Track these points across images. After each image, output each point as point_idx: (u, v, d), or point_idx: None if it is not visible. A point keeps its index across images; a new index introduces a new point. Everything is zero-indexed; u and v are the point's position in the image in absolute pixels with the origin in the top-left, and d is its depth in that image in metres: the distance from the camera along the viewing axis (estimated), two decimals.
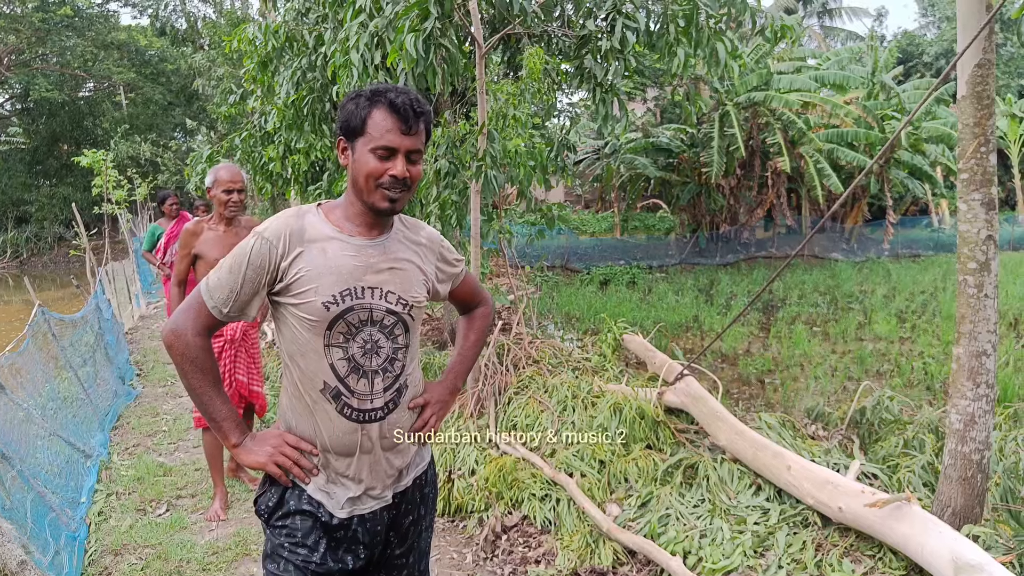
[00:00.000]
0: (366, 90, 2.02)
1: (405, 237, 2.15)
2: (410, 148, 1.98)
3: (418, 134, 2.00)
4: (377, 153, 1.96)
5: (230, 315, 2.00)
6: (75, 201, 22.63)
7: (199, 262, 4.62)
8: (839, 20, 42.26)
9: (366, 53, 5.75)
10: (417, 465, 2.24)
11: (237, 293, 1.97)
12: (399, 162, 1.97)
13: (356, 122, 1.99)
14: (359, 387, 2.03)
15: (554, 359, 6.82)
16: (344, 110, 2.03)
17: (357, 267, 2.00)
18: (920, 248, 24.76)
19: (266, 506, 2.09)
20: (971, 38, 3.42)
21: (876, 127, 21.59)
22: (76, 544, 4.20)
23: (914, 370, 9.14)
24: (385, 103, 1.96)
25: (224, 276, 1.99)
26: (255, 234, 1.99)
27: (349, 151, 2.03)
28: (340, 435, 2.04)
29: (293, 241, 1.98)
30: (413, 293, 2.10)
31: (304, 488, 2.06)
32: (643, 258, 23.08)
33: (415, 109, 1.97)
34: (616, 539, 4.12)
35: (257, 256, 1.96)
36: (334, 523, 2.06)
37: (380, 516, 2.13)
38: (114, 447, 6.25)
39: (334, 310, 1.97)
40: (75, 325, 7.93)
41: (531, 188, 6.90)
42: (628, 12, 6.24)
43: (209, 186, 4.59)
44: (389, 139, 1.96)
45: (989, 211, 3.48)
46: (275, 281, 1.99)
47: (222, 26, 22.44)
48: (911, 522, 3.40)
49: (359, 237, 2.04)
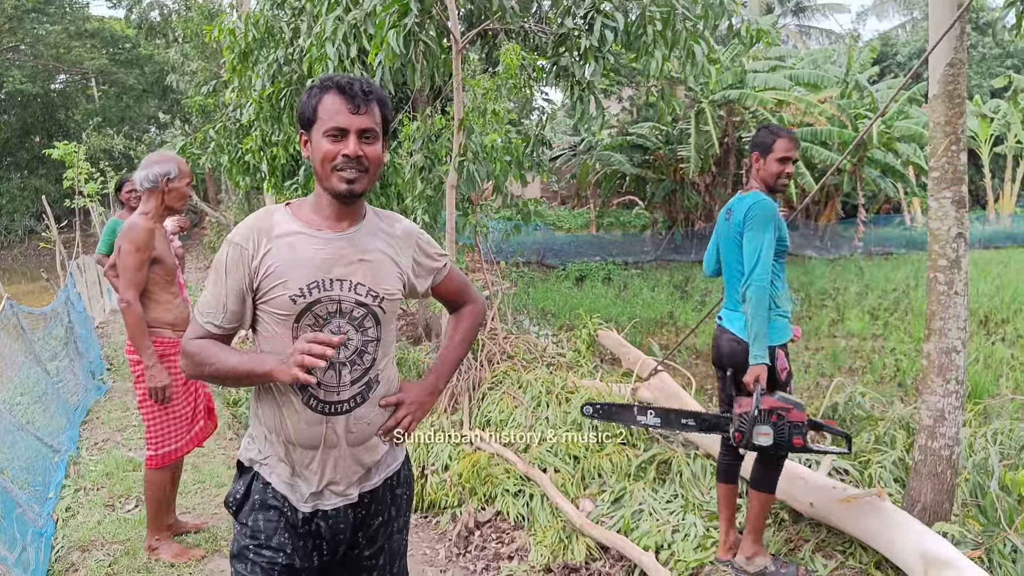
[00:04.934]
0: (319, 80, 2.04)
1: (379, 229, 2.13)
2: (361, 127, 1.97)
3: (368, 113, 1.99)
4: (329, 135, 1.97)
5: (225, 326, 2.02)
6: (46, 194, 22.32)
7: (156, 267, 3.91)
8: (815, 19, 42.62)
9: (341, 46, 5.71)
10: (388, 465, 2.20)
11: (225, 304, 2.00)
12: (351, 141, 1.96)
13: (309, 112, 2.01)
14: (326, 378, 2.01)
15: (529, 355, 6.82)
16: (299, 104, 2.06)
17: (325, 260, 2.00)
18: (893, 246, 25.02)
19: (234, 499, 2.10)
20: (942, 37, 3.45)
21: (850, 126, 21.78)
22: (43, 540, 4.13)
23: (886, 367, 9.22)
24: (333, 86, 1.98)
25: (209, 292, 2.02)
26: (227, 243, 2.01)
27: (309, 142, 2.04)
28: (305, 427, 2.02)
29: (261, 239, 1.99)
30: (385, 285, 2.07)
31: (269, 481, 2.05)
32: (619, 254, 23.11)
33: (363, 89, 1.98)
34: (589, 534, 4.13)
35: (232, 263, 1.98)
36: (299, 518, 2.05)
37: (344, 514, 2.10)
38: (83, 442, 6.17)
39: (301, 303, 1.97)
40: (45, 319, 7.83)
41: (507, 184, 6.89)
42: (607, 11, 6.24)
43: (170, 176, 3.89)
44: (338, 120, 1.96)
45: (959, 209, 3.52)
46: (252, 283, 1.99)
47: (194, 19, 22.17)
48: (882, 517, 3.43)
49: (327, 231, 2.03)
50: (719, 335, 3.74)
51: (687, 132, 21.59)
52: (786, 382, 3.57)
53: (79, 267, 13.14)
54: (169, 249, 4.00)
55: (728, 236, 3.68)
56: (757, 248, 3.46)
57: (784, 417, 3.39)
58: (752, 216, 3.49)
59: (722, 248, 3.79)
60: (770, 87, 20.98)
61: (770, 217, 3.48)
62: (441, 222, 6.68)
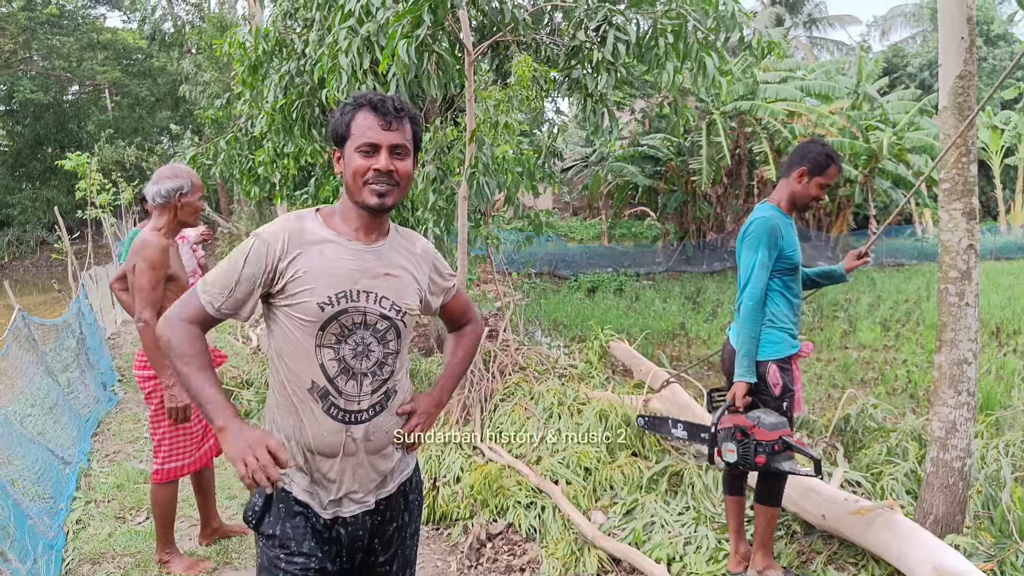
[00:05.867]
0: (352, 98, 2.09)
1: (401, 246, 2.19)
2: (392, 143, 2.02)
3: (400, 130, 2.04)
4: (361, 151, 2.02)
5: (222, 311, 2.02)
6: (58, 205, 22.47)
7: (171, 284, 3.79)
8: (827, 30, 42.64)
9: (355, 58, 5.74)
10: (402, 471, 2.25)
11: (231, 290, 2.00)
12: (382, 156, 2.01)
13: (342, 129, 2.06)
14: (347, 388, 2.05)
15: (540, 366, 6.82)
16: (332, 121, 2.11)
17: (353, 270, 2.04)
18: (904, 257, 24.94)
19: (253, 512, 2.09)
20: (952, 50, 3.46)
21: (860, 137, 21.75)
22: (53, 553, 4.15)
23: (898, 378, 9.18)
24: (366, 104, 2.03)
25: (220, 272, 2.02)
26: (254, 235, 2.04)
27: (342, 158, 2.08)
28: (325, 435, 2.05)
29: (292, 243, 2.02)
30: (407, 300, 2.14)
31: (290, 491, 2.07)
32: (630, 265, 23.11)
33: (395, 106, 2.03)
34: (601, 547, 4.12)
35: (255, 256, 2.00)
36: (322, 523, 2.08)
37: (363, 521, 2.14)
38: (94, 454, 6.20)
39: (329, 311, 2.00)
40: (57, 330, 7.87)
41: (519, 195, 6.91)
42: (619, 24, 6.26)
43: (183, 191, 3.84)
44: (370, 136, 2.01)
45: (970, 221, 3.52)
46: (272, 282, 2.02)
47: (207, 31, 22.34)
48: (893, 530, 3.41)
49: (357, 242, 2.08)
50: (724, 346, 3.78)
51: (699, 143, 21.61)
52: (781, 397, 3.52)
53: (91, 278, 13.23)
54: (182, 265, 3.94)
55: (738, 249, 3.69)
56: (750, 266, 3.48)
57: (750, 435, 3.39)
58: (749, 233, 3.51)
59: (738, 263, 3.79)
60: (781, 98, 20.99)
61: (765, 234, 3.45)
62: (453, 233, 6.70)
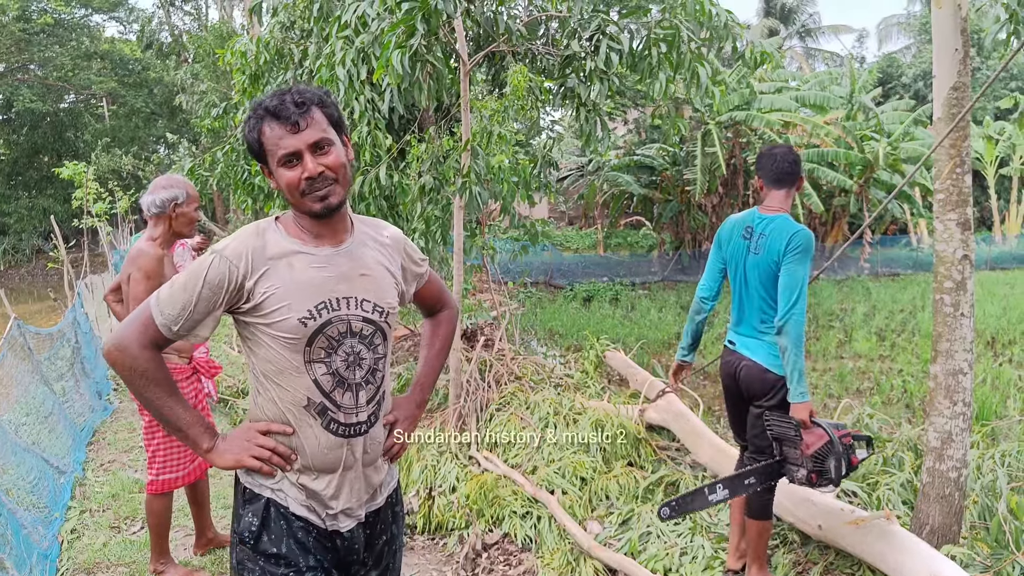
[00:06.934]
0: (250, 110, 1.95)
1: (369, 238, 2.09)
2: (310, 142, 1.89)
3: (312, 125, 1.90)
4: (283, 164, 1.90)
5: (179, 333, 1.91)
6: (54, 213, 22.44)
7: None
8: (821, 40, 42.86)
9: (352, 68, 5.76)
10: (388, 484, 2.20)
11: (190, 311, 1.89)
12: (307, 161, 1.89)
13: (256, 147, 1.94)
14: (345, 401, 1.99)
15: (536, 375, 6.82)
16: (245, 139, 1.97)
17: (328, 278, 1.95)
18: (899, 267, 24.97)
19: (250, 532, 1.98)
20: (946, 61, 3.48)
21: (855, 147, 21.81)
22: (48, 562, 4.13)
23: (893, 388, 9.19)
24: (265, 114, 1.90)
25: (177, 292, 1.90)
26: (213, 252, 1.91)
27: (271, 174, 1.97)
28: (325, 451, 1.98)
29: (256, 260, 1.91)
30: (388, 299, 2.05)
31: (286, 505, 1.99)
32: (626, 275, 23.11)
33: (296, 102, 1.88)
34: (597, 557, 4.11)
35: (215, 275, 1.88)
36: (322, 535, 2.03)
37: (357, 534, 2.09)
38: (89, 463, 6.17)
39: (312, 325, 1.91)
40: (52, 339, 7.86)
41: (514, 204, 6.92)
42: (612, 34, 6.29)
43: (178, 201, 3.84)
44: (285, 146, 1.88)
45: (965, 231, 3.53)
46: (239, 301, 1.91)
47: (207, 40, 22.38)
48: (890, 540, 3.41)
49: (324, 247, 1.98)
50: (736, 362, 3.65)
51: (694, 153, 21.64)
52: None
53: (87, 287, 13.20)
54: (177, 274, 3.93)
55: (756, 258, 3.56)
56: (799, 280, 3.39)
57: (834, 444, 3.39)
58: (796, 246, 3.41)
59: (740, 269, 3.65)
60: (776, 108, 21.04)
61: (811, 248, 3.43)
62: (449, 242, 6.71)
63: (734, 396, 3.75)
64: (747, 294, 3.64)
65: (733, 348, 3.71)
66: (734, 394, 3.74)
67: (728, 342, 3.78)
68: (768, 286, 3.52)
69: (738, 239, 3.67)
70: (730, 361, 3.71)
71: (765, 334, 3.55)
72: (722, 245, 3.78)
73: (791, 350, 3.36)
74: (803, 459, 3.40)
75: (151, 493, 3.99)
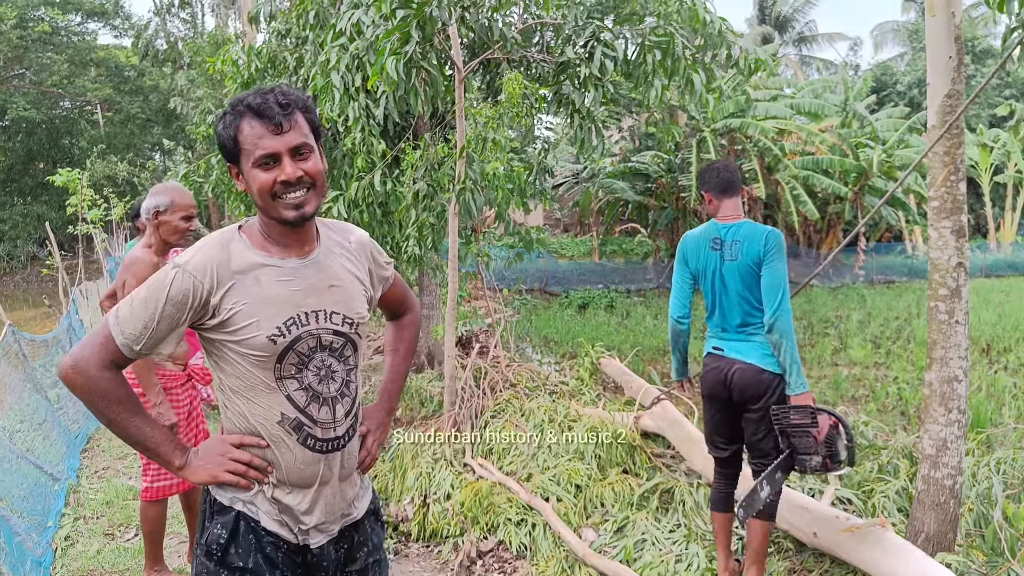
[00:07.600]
0: (229, 106, 1.87)
1: (336, 244, 2.02)
2: (291, 145, 1.82)
3: (294, 127, 1.83)
4: (260, 165, 1.82)
5: (141, 352, 1.83)
6: (49, 220, 22.41)
7: None
8: (816, 48, 43.02)
9: (347, 75, 5.76)
10: (363, 496, 2.14)
11: (153, 329, 1.80)
12: (285, 164, 1.81)
13: (230, 144, 1.85)
14: (322, 415, 1.93)
15: (531, 383, 6.81)
16: (217, 136, 1.87)
17: (296, 292, 1.88)
18: (894, 274, 25.01)
19: (218, 544, 1.91)
20: (940, 69, 3.49)
21: (850, 155, 21.90)
22: (42, 570, 4.11)
23: (888, 395, 9.19)
24: (246, 111, 1.82)
25: (138, 310, 1.81)
26: (175, 266, 1.82)
27: (240, 174, 1.88)
28: (302, 467, 1.92)
29: (221, 274, 1.82)
30: (357, 309, 1.99)
31: (257, 519, 1.93)
32: (621, 282, 23.11)
33: (281, 103, 1.81)
34: (592, 565, 4.10)
35: (178, 291, 1.79)
36: (291, 550, 1.96)
37: (327, 551, 2.01)
38: (83, 470, 6.16)
39: (282, 342, 1.85)
40: (47, 345, 7.84)
41: (509, 211, 6.92)
42: (607, 41, 6.31)
43: (159, 209, 3.78)
44: (264, 146, 1.80)
45: (959, 238, 3.54)
46: (204, 317, 1.83)
47: (203, 46, 22.38)
48: (885, 547, 3.41)
49: (291, 259, 1.91)
50: (726, 367, 3.66)
51: (689, 160, 21.69)
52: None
53: (82, 293, 13.17)
54: None
55: (734, 264, 3.64)
56: (782, 277, 3.55)
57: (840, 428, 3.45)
58: (773, 245, 3.57)
59: (716, 278, 3.72)
60: (771, 116, 21.11)
61: (784, 245, 3.62)
62: (444, 249, 6.70)
63: (722, 403, 3.74)
64: (727, 300, 3.70)
65: (721, 354, 3.72)
66: (723, 401, 3.72)
67: (713, 348, 3.78)
68: (752, 288, 3.62)
69: (707, 251, 3.76)
70: (719, 367, 3.71)
71: (754, 335, 3.63)
72: (688, 261, 3.87)
73: (785, 344, 3.49)
74: (817, 446, 3.42)
75: (145, 500, 3.97)
